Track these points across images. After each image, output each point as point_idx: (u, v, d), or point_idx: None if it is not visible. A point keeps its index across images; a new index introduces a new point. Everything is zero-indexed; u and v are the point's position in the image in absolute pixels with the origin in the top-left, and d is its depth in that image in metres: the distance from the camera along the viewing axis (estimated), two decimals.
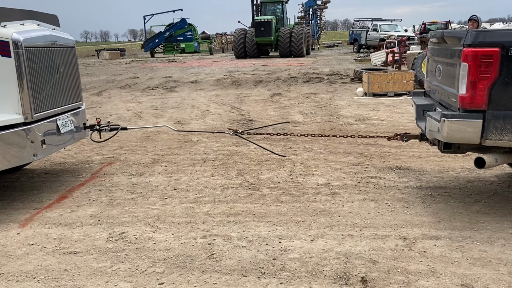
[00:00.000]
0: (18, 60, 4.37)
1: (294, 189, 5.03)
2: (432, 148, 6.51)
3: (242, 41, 30.37)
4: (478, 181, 5.06)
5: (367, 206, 4.46)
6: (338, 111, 10.25)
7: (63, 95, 5.19)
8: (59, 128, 5.02)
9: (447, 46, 4.15)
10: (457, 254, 3.40)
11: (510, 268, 3.17)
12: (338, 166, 5.86)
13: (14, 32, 4.41)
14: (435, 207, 4.34)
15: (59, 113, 5.09)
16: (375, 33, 31.85)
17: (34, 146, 4.51)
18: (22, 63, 4.39)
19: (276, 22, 31.03)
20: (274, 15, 31.31)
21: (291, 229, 3.96)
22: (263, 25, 29.59)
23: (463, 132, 3.66)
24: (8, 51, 4.33)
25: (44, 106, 4.77)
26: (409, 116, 9.20)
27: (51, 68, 4.95)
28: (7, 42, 4.33)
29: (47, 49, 4.90)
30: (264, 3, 32.24)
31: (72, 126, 5.33)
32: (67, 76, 5.31)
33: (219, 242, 3.74)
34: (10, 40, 4.34)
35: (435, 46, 4.66)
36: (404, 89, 12.12)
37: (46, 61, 4.86)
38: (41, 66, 4.73)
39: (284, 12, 32.36)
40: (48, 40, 4.94)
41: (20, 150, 4.41)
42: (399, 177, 5.32)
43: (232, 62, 26.78)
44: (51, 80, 4.93)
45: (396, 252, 3.47)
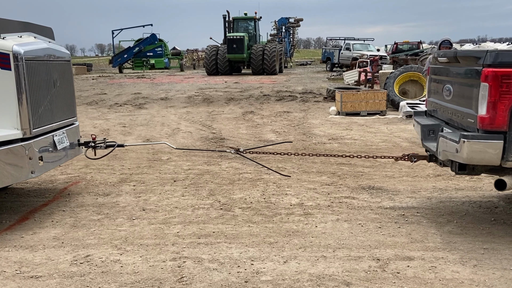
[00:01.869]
0: (18, 73, 4.30)
1: (266, 209, 5.06)
2: (404, 168, 6.68)
3: (214, 58, 30.54)
4: (450, 202, 5.20)
5: (340, 226, 4.51)
6: (311, 130, 10.39)
7: (59, 110, 5.13)
8: (56, 145, 4.94)
9: (460, 66, 4.15)
10: (430, 275, 3.47)
11: None
12: (311, 186, 5.93)
13: (14, 44, 4.34)
14: (408, 228, 4.44)
15: (55, 128, 5.02)
16: (347, 52, 32.60)
17: (32, 163, 4.41)
18: (21, 77, 4.32)
19: (249, 39, 31.39)
20: (246, 32, 31.68)
21: (263, 250, 3.96)
22: (235, 42, 29.88)
23: (483, 153, 3.66)
24: (8, 63, 4.27)
25: (42, 121, 4.69)
26: (382, 136, 9.42)
27: (49, 82, 4.89)
28: (7, 55, 4.27)
29: (45, 62, 4.84)
30: (237, 20, 32.64)
31: (68, 142, 5.25)
32: (63, 91, 5.26)
33: (189, 265, 3.71)
34: (10, 53, 4.27)
35: (442, 66, 4.66)
36: (377, 108, 12.43)
37: (44, 75, 4.80)
38: (39, 80, 4.67)
39: (256, 29, 32.80)
40: (46, 53, 4.89)
41: (18, 167, 4.31)
42: (372, 197, 5.41)
43: (204, 79, 26.85)
44: (48, 95, 4.86)
45: (370, 273, 3.52)
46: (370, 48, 33.32)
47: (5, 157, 4.18)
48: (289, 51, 42.38)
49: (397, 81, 13.03)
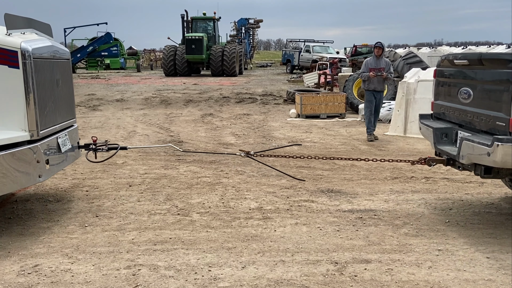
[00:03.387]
0: (26, 72, 4.14)
1: (225, 214, 5.05)
2: (362, 171, 6.84)
3: (172, 58, 30.27)
4: (406, 204, 5.37)
5: (299, 230, 4.57)
6: (271, 132, 10.47)
7: (61, 111, 4.96)
8: (60, 147, 4.78)
9: (486, 69, 4.16)
10: (386, 277, 3.57)
11: None
12: (270, 190, 5.97)
13: (22, 41, 4.18)
14: (365, 230, 4.55)
15: (58, 130, 4.85)
16: (307, 54, 33.07)
17: (40, 167, 4.26)
18: (29, 75, 4.16)
19: (208, 39, 31.30)
20: (205, 33, 31.58)
21: (221, 256, 3.96)
22: (194, 42, 29.72)
23: None
24: (17, 61, 4.10)
25: (48, 122, 4.51)
26: (341, 139, 9.61)
27: (53, 82, 4.72)
28: (16, 52, 4.09)
29: (50, 61, 4.67)
30: (195, 19, 32.49)
31: (70, 145, 5.08)
32: (64, 91, 5.08)
33: (144, 273, 3.65)
34: (18, 50, 4.10)
35: (458, 69, 4.67)
36: (336, 111, 12.67)
37: (49, 74, 4.63)
38: (45, 79, 4.50)
39: (216, 30, 32.76)
40: (50, 51, 4.72)
41: (26, 171, 4.14)
42: (331, 200, 5.51)
43: (161, 80, 26.55)
44: (52, 95, 4.68)
45: (328, 277, 3.58)
46: (330, 50, 33.93)
47: (13, 160, 4.01)
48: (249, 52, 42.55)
49: (356, 84, 13.32)
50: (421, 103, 9.72)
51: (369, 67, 9.54)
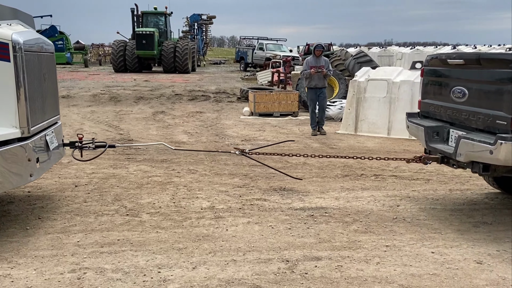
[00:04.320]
0: (17, 65, 3.96)
1: (176, 214, 5.00)
2: (314, 169, 6.95)
3: (121, 54, 29.56)
4: (356, 201, 5.50)
5: (251, 229, 4.59)
6: (224, 131, 10.46)
7: (48, 107, 4.73)
8: (48, 145, 4.59)
9: (484, 69, 4.27)
10: (336, 274, 3.65)
11: (384, 285, 3.49)
12: (223, 189, 5.96)
13: (13, 33, 4.00)
14: (316, 228, 4.63)
15: (46, 127, 4.61)
16: (261, 52, 33.20)
17: (31, 165, 4.10)
18: (20, 69, 3.99)
19: (159, 35, 30.79)
20: (156, 28, 31.06)
21: (172, 257, 3.92)
22: (144, 37, 29.14)
23: None
24: (7, 54, 3.92)
25: (37, 119, 4.32)
26: (294, 137, 9.72)
27: (41, 76, 4.49)
28: (6, 44, 3.92)
29: (38, 54, 4.44)
30: (146, 14, 31.87)
31: (57, 142, 4.85)
32: (50, 86, 4.84)
33: (90, 276, 3.56)
34: (9, 42, 3.92)
35: (452, 68, 4.76)
36: (289, 109, 12.80)
37: (38, 68, 4.41)
38: (34, 73, 4.27)
39: (167, 25, 32.28)
40: (38, 43, 4.48)
41: (18, 170, 3.98)
42: (283, 199, 5.57)
43: (111, 76, 25.92)
44: (40, 90, 4.44)
45: (279, 275, 3.62)
46: (283, 48, 34.21)
47: (5, 159, 3.83)
48: (202, 49, 42.25)
49: None
50: (371, 101, 10.00)
51: (310, 65, 10.00)
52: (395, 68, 11.08)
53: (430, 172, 6.82)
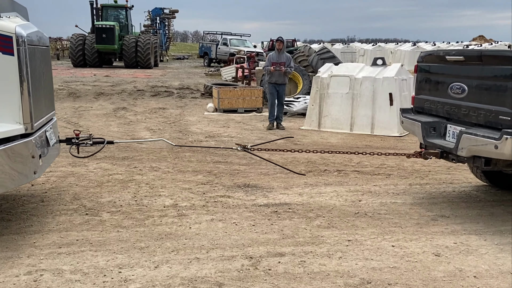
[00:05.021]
0: (20, 59, 3.84)
1: (138, 212, 4.94)
2: (278, 167, 6.99)
3: (80, 48, 28.88)
4: (319, 197, 5.58)
5: (215, 226, 4.58)
6: (188, 127, 10.38)
7: (46, 102, 4.56)
8: (48, 141, 4.46)
9: (485, 65, 4.40)
10: (299, 269, 3.70)
11: (346, 279, 3.55)
12: (186, 186, 5.93)
13: (16, 25, 3.88)
14: (280, 224, 4.67)
15: (45, 123, 4.46)
16: (225, 47, 33.13)
17: (34, 162, 3.99)
18: (23, 63, 3.87)
19: (120, 29, 30.24)
20: (117, 21, 30.49)
21: (133, 256, 3.87)
22: (104, 31, 28.56)
23: None
24: (11, 48, 3.80)
25: (38, 114, 4.20)
26: (258, 133, 9.76)
27: (40, 70, 4.32)
28: (10, 38, 3.80)
29: (38, 47, 4.33)
30: (106, 7, 31.21)
31: (55, 139, 4.68)
32: (47, 80, 4.67)
33: (47, 278, 3.47)
34: (13, 35, 3.80)
35: (450, 65, 4.87)
36: (253, 105, 12.83)
37: (38, 62, 4.30)
38: (35, 67, 4.15)
39: (128, 19, 31.74)
40: (37, 36, 4.32)
41: (23, 167, 3.88)
42: (247, 195, 5.59)
43: (69, 71, 25.27)
44: (40, 84, 4.28)
45: (242, 272, 3.63)
46: (247, 44, 34.25)
47: (11, 156, 3.73)
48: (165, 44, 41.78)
49: None
50: (334, 97, 10.15)
51: (272, 61, 10.26)
52: (357, 65, 11.27)
53: (391, 167, 6.98)
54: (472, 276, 3.62)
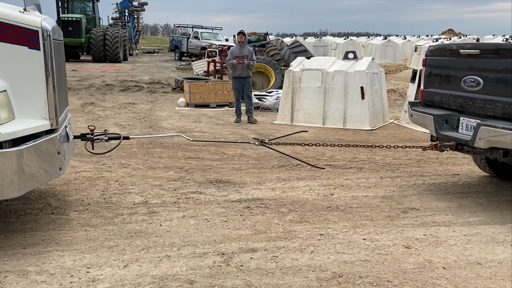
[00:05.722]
0: (45, 54, 3.84)
1: (107, 210, 4.87)
2: (251, 160, 7.00)
3: None
4: (292, 191, 5.61)
5: (186, 223, 4.56)
6: (159, 122, 10.28)
7: (64, 97, 4.53)
8: (68, 137, 4.49)
9: (501, 58, 4.54)
10: (271, 265, 3.71)
11: (318, 273, 3.59)
12: (157, 182, 5.87)
13: (42, 19, 3.88)
14: (252, 220, 4.67)
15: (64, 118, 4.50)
16: (196, 41, 32.88)
17: (59, 158, 4.02)
18: (48, 58, 3.86)
19: (87, 22, 29.66)
20: (84, 14, 29.91)
21: (101, 255, 3.81)
22: (70, 24, 27.95)
23: None
24: (37, 42, 3.80)
25: (61, 110, 4.20)
26: (231, 128, 9.74)
27: (59, 65, 4.25)
28: (37, 32, 3.79)
29: (58, 42, 4.33)
30: None
31: (72, 134, 4.62)
32: (64, 75, 4.63)
33: (12, 279, 3.39)
34: (39, 30, 3.80)
35: (464, 58, 4.98)
36: (226, 100, 12.79)
37: (59, 56, 4.31)
38: (57, 61, 4.12)
39: (95, 11, 31.17)
40: (57, 30, 4.36)
41: (50, 163, 3.91)
42: (219, 191, 5.57)
43: None
44: (60, 79, 4.24)
45: (214, 269, 3.62)
46: (219, 37, 34.07)
47: (37, 153, 3.71)
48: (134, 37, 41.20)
49: None
50: (306, 91, 10.20)
51: (234, 54, 10.39)
52: (329, 58, 11.36)
53: (362, 161, 7.07)
54: (441, 267, 3.70)
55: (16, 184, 3.58)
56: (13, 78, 3.80)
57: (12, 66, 3.81)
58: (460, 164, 6.95)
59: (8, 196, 3.66)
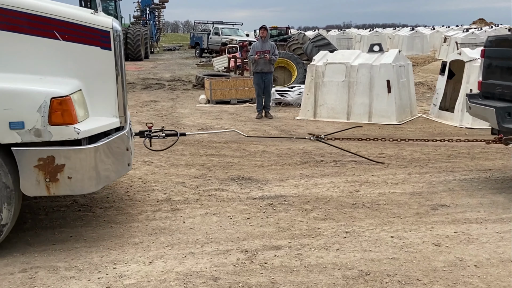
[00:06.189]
0: (115, 53, 4.05)
1: (131, 207, 4.97)
2: (273, 157, 7.02)
3: None
4: (315, 188, 5.62)
5: (209, 220, 4.62)
6: (180, 120, 10.39)
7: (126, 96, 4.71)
8: (132, 134, 4.70)
9: None
10: (296, 262, 3.74)
11: (344, 271, 3.60)
12: (179, 180, 5.95)
13: (112, 20, 4.10)
14: (275, 217, 4.71)
15: None
16: (216, 37, 32.99)
17: (128, 155, 4.23)
18: (118, 57, 4.08)
19: None
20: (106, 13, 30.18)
21: (127, 252, 3.90)
22: None
23: None
24: (109, 42, 4.01)
25: (125, 107, 4.35)
26: (252, 124, 9.79)
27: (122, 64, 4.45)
28: (108, 32, 4.00)
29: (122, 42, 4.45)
30: None
31: (133, 131, 4.83)
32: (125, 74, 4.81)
33: (42, 275, 3.50)
34: (110, 30, 4.00)
35: None
36: (247, 96, 12.82)
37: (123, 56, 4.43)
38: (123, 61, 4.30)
39: (117, 10, 31.53)
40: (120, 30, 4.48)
41: (121, 159, 4.12)
42: (242, 188, 5.62)
43: None
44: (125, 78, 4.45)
45: (238, 266, 3.67)
46: (239, 33, 34.12)
47: (110, 149, 3.94)
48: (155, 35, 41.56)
49: None
50: (330, 86, 10.16)
51: (256, 50, 10.45)
52: (353, 51, 11.29)
53: (389, 156, 7.03)
54: (472, 265, 3.67)
55: (94, 179, 3.79)
56: (87, 78, 3.99)
57: (85, 66, 4.00)
58: (492, 159, 6.84)
59: (88, 190, 3.87)
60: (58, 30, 3.89)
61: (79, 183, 3.74)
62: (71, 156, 3.67)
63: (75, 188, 3.76)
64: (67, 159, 3.66)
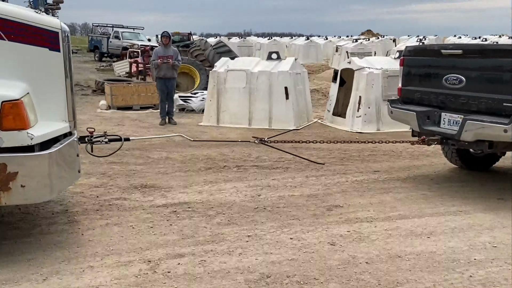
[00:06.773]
0: (64, 55, 3.85)
1: (22, 221, 4.61)
2: (177, 163, 6.92)
3: None
4: (219, 193, 5.61)
5: (110, 231, 4.42)
6: (79, 127, 9.85)
7: None
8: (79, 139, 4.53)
9: (488, 58, 4.96)
10: (199, 269, 3.70)
11: (246, 275, 3.62)
12: (78, 190, 5.64)
13: (59, 21, 3.89)
14: (179, 224, 4.63)
15: None
16: (117, 41, 31.86)
17: (78, 161, 4.09)
18: (67, 59, 3.89)
19: None
20: None
21: (18, 270, 3.60)
22: None
23: None
24: (58, 44, 3.81)
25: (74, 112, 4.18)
26: (155, 130, 9.57)
27: None
28: (57, 33, 3.80)
29: None
30: None
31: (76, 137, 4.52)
32: None
33: None
34: (59, 31, 3.81)
35: (448, 58, 5.33)
36: (150, 102, 12.52)
37: None
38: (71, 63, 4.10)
39: None
40: None
41: (72, 165, 3.96)
42: (145, 196, 5.46)
43: None
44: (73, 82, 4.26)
45: (140, 277, 3.55)
46: (141, 37, 33.26)
47: (63, 155, 3.73)
48: None
49: None
50: (232, 92, 10.24)
51: (158, 55, 10.33)
52: (253, 59, 11.51)
53: (288, 161, 7.22)
54: (364, 262, 3.87)
55: (49, 187, 3.59)
56: (35, 80, 3.75)
57: (33, 68, 3.78)
58: (380, 161, 7.29)
59: (42, 199, 3.72)
60: (3, 29, 3.61)
61: (33, 192, 3.52)
62: (25, 163, 3.44)
63: (29, 197, 3.54)
64: (21, 167, 3.42)
